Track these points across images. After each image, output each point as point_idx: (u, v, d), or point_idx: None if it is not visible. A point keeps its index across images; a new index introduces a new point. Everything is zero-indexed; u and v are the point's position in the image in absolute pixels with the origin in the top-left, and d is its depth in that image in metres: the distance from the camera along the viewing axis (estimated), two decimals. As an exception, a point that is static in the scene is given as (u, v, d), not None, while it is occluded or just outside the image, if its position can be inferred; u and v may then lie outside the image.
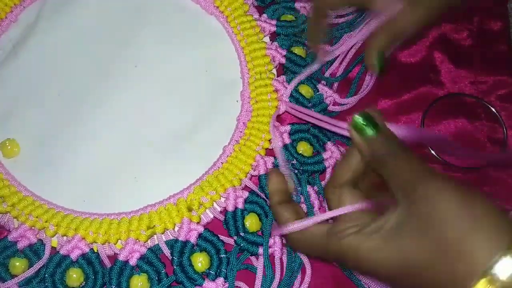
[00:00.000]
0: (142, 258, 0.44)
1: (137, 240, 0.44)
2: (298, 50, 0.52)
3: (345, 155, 0.39)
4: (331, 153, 0.48)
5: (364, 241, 0.34)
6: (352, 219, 0.37)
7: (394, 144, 0.37)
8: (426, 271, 0.32)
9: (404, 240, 0.33)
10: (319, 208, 0.47)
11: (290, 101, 0.50)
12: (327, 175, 0.48)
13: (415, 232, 0.33)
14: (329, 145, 0.49)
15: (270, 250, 0.44)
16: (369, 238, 0.34)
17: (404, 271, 0.33)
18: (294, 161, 0.48)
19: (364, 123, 0.37)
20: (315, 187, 0.47)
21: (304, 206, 0.46)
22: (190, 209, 0.45)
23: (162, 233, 0.45)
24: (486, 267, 0.30)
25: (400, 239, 0.33)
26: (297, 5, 0.54)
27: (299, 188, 0.47)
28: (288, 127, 0.49)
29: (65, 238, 0.45)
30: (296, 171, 0.47)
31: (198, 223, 0.45)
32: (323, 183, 0.48)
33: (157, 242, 0.45)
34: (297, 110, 0.48)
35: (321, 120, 0.44)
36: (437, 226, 0.32)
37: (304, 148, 0.48)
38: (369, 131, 0.37)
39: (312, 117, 0.46)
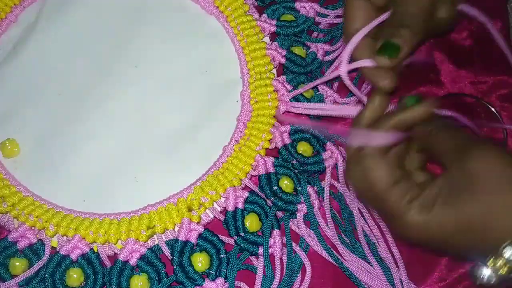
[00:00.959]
0: (142, 258, 0.44)
1: (137, 240, 0.44)
2: (298, 50, 0.52)
3: None
4: (331, 153, 0.48)
5: (426, 213, 0.36)
6: (405, 188, 0.38)
7: (439, 119, 0.40)
8: (481, 229, 0.34)
9: (461, 200, 0.35)
10: (319, 208, 0.47)
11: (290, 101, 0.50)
12: (327, 175, 0.48)
13: (471, 191, 0.35)
14: (329, 145, 0.49)
15: (270, 250, 0.44)
16: (423, 204, 0.36)
17: (462, 231, 0.35)
18: (294, 161, 0.48)
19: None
20: (315, 187, 0.47)
21: (304, 206, 0.46)
22: (190, 209, 0.46)
23: (162, 233, 0.45)
24: None
25: (458, 201, 0.35)
26: (297, 5, 0.54)
27: (299, 188, 0.47)
28: (288, 127, 0.49)
29: (65, 238, 0.45)
30: (296, 171, 0.47)
31: (198, 223, 0.45)
32: (322, 183, 0.48)
33: (157, 242, 0.45)
34: (298, 107, 0.49)
35: (325, 109, 0.46)
36: (487, 187, 0.34)
37: (304, 148, 0.48)
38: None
39: (316, 110, 0.47)
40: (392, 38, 0.43)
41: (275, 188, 0.46)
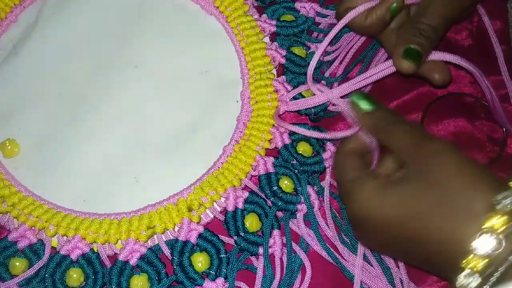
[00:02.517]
0: (142, 258, 0.44)
1: (137, 240, 0.44)
2: (298, 50, 0.52)
3: None
4: (331, 154, 0.48)
5: (371, 186, 0.39)
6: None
7: (392, 114, 0.42)
8: (424, 221, 0.36)
9: (407, 189, 0.37)
10: (319, 208, 0.47)
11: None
12: (327, 175, 0.48)
13: (419, 184, 0.37)
14: (328, 145, 0.49)
15: (270, 250, 0.44)
16: (376, 184, 0.39)
17: (403, 219, 0.37)
18: (294, 161, 0.48)
19: (360, 99, 0.43)
20: (315, 187, 0.47)
21: (304, 206, 0.46)
22: (190, 209, 0.46)
23: (162, 233, 0.45)
24: (495, 201, 0.34)
25: (403, 188, 0.37)
26: (297, 5, 0.54)
27: (299, 188, 0.47)
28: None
29: (65, 238, 0.45)
30: (296, 171, 0.47)
31: (198, 223, 0.45)
32: (322, 183, 0.48)
33: (157, 242, 0.45)
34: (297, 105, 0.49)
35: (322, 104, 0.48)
36: (440, 181, 0.36)
37: (304, 148, 0.48)
38: (365, 105, 0.43)
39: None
40: (414, 42, 0.44)
41: (275, 188, 0.46)
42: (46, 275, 0.43)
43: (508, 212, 0.34)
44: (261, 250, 0.44)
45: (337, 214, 0.47)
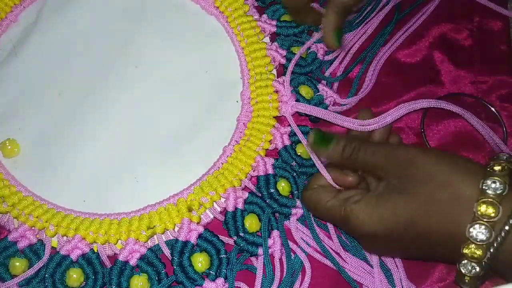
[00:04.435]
0: (142, 258, 0.44)
1: (137, 240, 0.44)
2: (298, 50, 0.52)
3: None
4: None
5: (363, 205, 0.39)
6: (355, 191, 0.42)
7: (354, 140, 0.42)
8: (422, 222, 0.37)
9: (397, 199, 0.38)
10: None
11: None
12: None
13: (405, 192, 0.38)
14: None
15: (270, 251, 0.44)
16: (366, 202, 0.39)
17: (403, 226, 0.38)
18: (293, 163, 0.48)
19: (318, 141, 0.43)
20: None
21: (298, 210, 0.46)
22: (190, 210, 0.46)
23: (162, 233, 0.45)
24: (482, 189, 0.36)
25: (393, 199, 0.38)
26: (297, 5, 0.54)
27: (295, 192, 0.47)
28: (288, 129, 0.49)
29: (65, 238, 0.45)
30: (295, 174, 0.47)
31: (198, 223, 0.45)
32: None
33: (157, 242, 0.45)
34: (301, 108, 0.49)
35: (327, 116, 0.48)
36: (423, 180, 0.37)
37: (303, 150, 0.48)
38: (326, 145, 0.42)
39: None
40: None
41: (272, 190, 0.46)
42: (46, 275, 0.43)
43: (497, 195, 0.35)
44: (260, 251, 0.44)
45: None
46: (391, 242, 0.39)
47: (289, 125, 0.49)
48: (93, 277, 0.43)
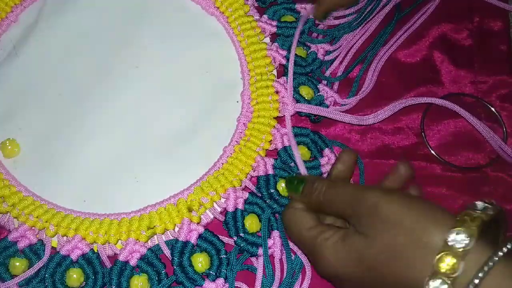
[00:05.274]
0: (142, 258, 0.44)
1: (137, 241, 0.44)
2: (298, 51, 0.52)
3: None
4: (328, 160, 0.48)
5: (330, 244, 0.38)
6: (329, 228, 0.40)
7: (319, 182, 0.41)
8: (380, 266, 0.36)
9: (359, 241, 0.37)
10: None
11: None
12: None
13: (368, 234, 0.36)
14: (326, 151, 0.49)
15: (270, 251, 0.44)
16: (334, 242, 0.38)
17: (362, 269, 0.36)
18: (293, 164, 0.48)
19: (291, 187, 0.43)
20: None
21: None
22: (190, 210, 0.46)
23: (162, 234, 0.45)
24: (445, 240, 0.33)
25: (356, 241, 0.37)
26: (298, 6, 0.54)
27: None
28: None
29: (65, 238, 0.45)
30: (294, 174, 0.47)
31: (198, 223, 0.45)
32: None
33: (157, 243, 0.45)
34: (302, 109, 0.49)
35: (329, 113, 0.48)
36: (385, 225, 0.36)
37: (302, 153, 0.48)
38: (297, 188, 0.42)
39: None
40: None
41: (272, 190, 0.46)
42: (46, 275, 0.43)
43: (459, 253, 0.33)
44: (261, 251, 0.44)
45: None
46: (357, 284, 0.38)
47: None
48: (93, 277, 0.43)
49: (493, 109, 0.52)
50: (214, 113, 0.50)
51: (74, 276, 0.43)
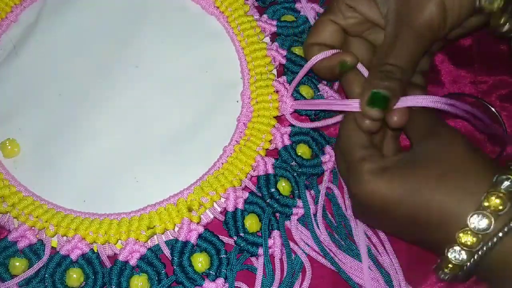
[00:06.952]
0: (142, 258, 0.44)
1: (137, 240, 0.44)
2: (298, 50, 0.52)
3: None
4: (330, 157, 0.48)
5: (379, 174, 0.39)
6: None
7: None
8: (425, 200, 0.37)
9: (412, 172, 0.38)
10: (314, 213, 0.46)
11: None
12: (325, 178, 0.48)
13: (423, 167, 0.38)
14: (327, 149, 0.49)
15: (270, 251, 0.44)
16: (384, 162, 0.40)
17: (406, 199, 0.38)
18: (293, 163, 0.48)
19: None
20: (312, 191, 0.47)
21: (299, 210, 0.46)
22: (190, 210, 0.46)
23: (162, 233, 0.45)
24: (496, 181, 0.36)
25: (410, 173, 0.38)
26: (298, 5, 0.54)
27: (296, 192, 0.47)
28: (288, 129, 0.49)
29: (65, 238, 0.45)
30: (295, 174, 0.47)
31: (198, 223, 0.45)
32: (320, 186, 0.48)
33: (157, 242, 0.45)
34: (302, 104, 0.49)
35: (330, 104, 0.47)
36: (445, 165, 0.38)
37: (303, 151, 0.48)
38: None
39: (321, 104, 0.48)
40: (380, 86, 0.41)
41: (272, 190, 0.46)
42: (46, 275, 0.43)
43: (506, 194, 0.36)
44: (261, 251, 0.44)
45: (332, 219, 0.47)
46: (385, 213, 0.40)
47: (290, 125, 0.49)
48: (93, 277, 0.43)
49: (493, 109, 0.52)
50: (214, 113, 0.50)
51: (74, 276, 0.43)
